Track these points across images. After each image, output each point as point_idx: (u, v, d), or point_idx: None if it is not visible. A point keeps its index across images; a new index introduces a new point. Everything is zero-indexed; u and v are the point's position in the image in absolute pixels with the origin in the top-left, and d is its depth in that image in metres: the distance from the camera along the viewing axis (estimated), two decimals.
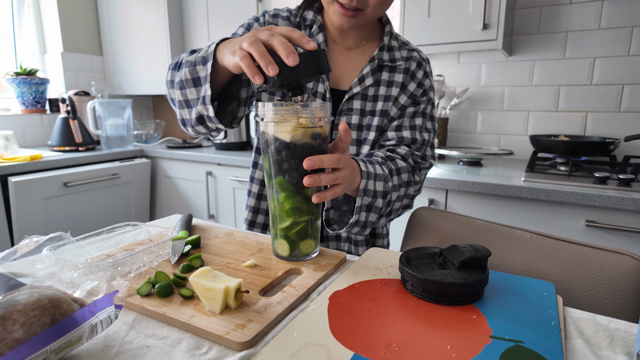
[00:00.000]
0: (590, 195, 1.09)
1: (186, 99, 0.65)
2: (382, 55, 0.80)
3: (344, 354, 0.35)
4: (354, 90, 0.77)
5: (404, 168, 0.74)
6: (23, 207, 1.59)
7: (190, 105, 0.65)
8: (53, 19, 2.21)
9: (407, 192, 0.75)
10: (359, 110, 0.78)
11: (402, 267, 0.47)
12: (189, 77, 0.62)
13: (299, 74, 0.48)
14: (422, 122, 0.80)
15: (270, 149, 0.52)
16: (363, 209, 0.64)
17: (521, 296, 0.45)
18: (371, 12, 0.72)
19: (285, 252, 0.55)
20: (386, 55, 0.80)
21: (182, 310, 0.42)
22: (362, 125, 0.79)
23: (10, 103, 2.20)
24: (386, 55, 0.80)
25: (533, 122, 1.70)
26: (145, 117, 2.68)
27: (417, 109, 0.80)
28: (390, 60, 0.80)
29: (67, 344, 0.33)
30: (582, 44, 1.57)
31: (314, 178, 0.51)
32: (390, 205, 0.71)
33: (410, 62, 0.81)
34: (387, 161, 0.72)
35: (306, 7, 0.82)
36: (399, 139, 0.77)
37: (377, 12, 0.73)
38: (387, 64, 0.80)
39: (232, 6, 1.97)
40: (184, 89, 0.64)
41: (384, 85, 0.79)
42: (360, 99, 0.78)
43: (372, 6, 0.71)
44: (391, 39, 0.82)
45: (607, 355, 0.36)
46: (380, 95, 0.79)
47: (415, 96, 0.80)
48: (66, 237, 0.53)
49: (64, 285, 0.47)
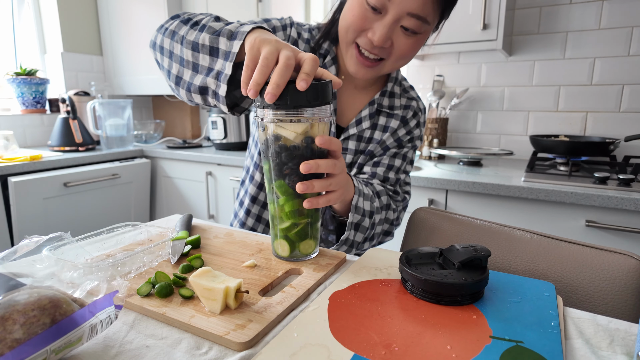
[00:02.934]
0: (590, 195, 1.09)
1: (195, 62, 0.58)
2: (382, 101, 0.79)
3: (344, 354, 0.35)
4: (350, 131, 0.77)
5: (383, 191, 0.74)
6: (23, 207, 1.59)
7: (196, 69, 0.58)
8: (53, 19, 2.21)
9: (387, 216, 0.75)
10: (353, 151, 0.78)
11: (402, 267, 0.47)
12: (207, 43, 0.56)
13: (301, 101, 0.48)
14: (401, 165, 0.80)
15: (270, 150, 0.52)
16: (352, 226, 0.64)
17: (521, 296, 0.45)
18: (390, 66, 0.70)
19: (285, 253, 0.55)
20: (386, 100, 0.79)
21: (182, 311, 0.42)
22: (353, 163, 0.80)
23: (10, 103, 2.20)
24: (386, 101, 0.79)
25: (533, 122, 1.70)
26: (145, 117, 2.68)
27: (399, 152, 0.80)
28: (389, 107, 0.79)
29: (67, 344, 0.33)
30: (582, 44, 1.57)
31: (307, 185, 0.50)
32: (374, 227, 0.71)
33: (407, 110, 0.81)
34: (367, 184, 0.73)
35: (324, 37, 0.78)
36: (372, 173, 0.77)
37: (396, 66, 0.71)
38: (385, 110, 0.79)
39: (232, 6, 1.97)
40: (196, 51, 0.57)
41: (380, 130, 0.79)
42: (356, 140, 0.78)
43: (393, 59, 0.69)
44: (394, 85, 0.81)
45: (607, 355, 0.36)
46: (374, 138, 0.79)
47: (401, 141, 0.81)
48: (66, 237, 0.53)
49: (64, 285, 0.47)
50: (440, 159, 1.70)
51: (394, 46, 0.67)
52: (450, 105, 1.77)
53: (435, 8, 0.65)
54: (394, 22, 0.64)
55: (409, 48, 0.67)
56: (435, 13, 0.66)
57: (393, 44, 0.67)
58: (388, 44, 0.66)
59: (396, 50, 0.67)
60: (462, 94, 1.75)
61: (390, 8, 0.63)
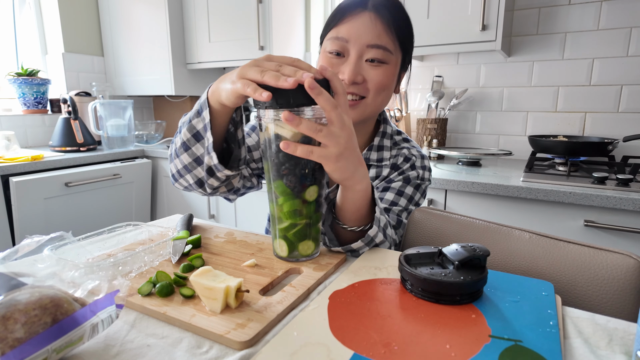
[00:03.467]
0: (589, 195, 1.09)
1: (195, 158, 0.61)
2: (370, 155, 0.79)
3: (343, 353, 0.35)
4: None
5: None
6: (24, 207, 1.59)
7: (200, 161, 0.61)
8: (54, 20, 2.21)
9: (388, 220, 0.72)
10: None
11: (401, 267, 0.47)
12: (189, 135, 0.60)
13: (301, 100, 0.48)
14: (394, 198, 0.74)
15: (269, 150, 0.52)
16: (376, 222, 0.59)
17: (520, 296, 0.45)
18: (372, 101, 0.71)
19: (284, 253, 0.55)
20: (374, 154, 0.79)
21: (183, 310, 0.42)
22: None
23: (11, 103, 2.20)
24: (374, 155, 0.79)
25: (532, 122, 1.71)
26: (146, 117, 2.69)
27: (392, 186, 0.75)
28: (378, 160, 0.79)
29: (68, 343, 0.33)
30: (580, 44, 1.57)
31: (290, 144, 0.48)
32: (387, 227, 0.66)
33: (397, 157, 0.79)
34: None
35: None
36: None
37: (378, 101, 0.72)
38: (374, 164, 0.79)
39: (232, 6, 1.98)
40: (188, 149, 0.61)
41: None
42: None
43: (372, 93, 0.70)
44: (383, 139, 0.80)
45: (606, 354, 0.36)
46: None
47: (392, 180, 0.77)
48: (67, 237, 0.53)
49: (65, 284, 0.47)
50: (440, 159, 1.70)
51: (367, 80, 0.70)
52: (450, 106, 1.77)
53: (392, 38, 0.70)
54: (357, 58, 0.69)
55: (382, 78, 0.70)
56: (394, 43, 0.70)
57: (365, 79, 0.70)
58: (360, 79, 0.70)
59: (370, 83, 0.70)
60: (461, 95, 1.76)
61: (350, 48, 0.69)
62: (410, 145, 0.82)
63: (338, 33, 0.70)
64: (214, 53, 2.10)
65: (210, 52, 2.12)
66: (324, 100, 0.46)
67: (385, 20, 0.69)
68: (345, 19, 0.70)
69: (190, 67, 2.23)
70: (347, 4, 0.71)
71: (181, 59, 2.21)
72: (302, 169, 0.52)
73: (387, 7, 0.69)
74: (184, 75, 2.24)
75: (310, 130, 0.47)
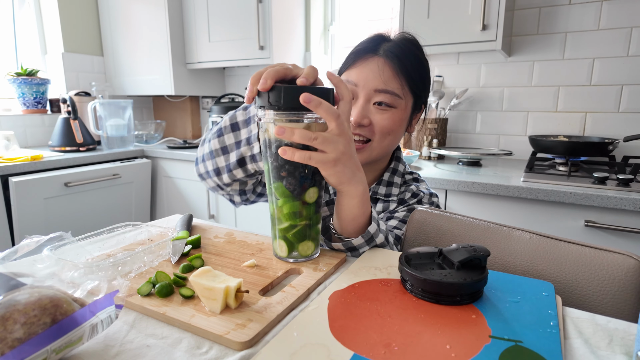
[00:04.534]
0: (589, 195, 1.09)
1: (223, 146, 0.65)
2: (378, 189, 0.78)
3: (343, 354, 0.35)
4: None
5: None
6: (24, 207, 1.59)
7: (227, 150, 0.65)
8: (54, 20, 2.21)
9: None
10: None
11: (401, 267, 0.47)
12: (228, 123, 0.64)
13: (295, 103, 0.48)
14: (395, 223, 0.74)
15: (269, 151, 0.52)
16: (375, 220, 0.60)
17: (520, 296, 0.45)
18: (377, 144, 0.72)
19: (284, 253, 0.55)
20: (383, 189, 0.79)
21: (183, 310, 0.42)
22: None
23: (11, 103, 2.20)
24: (382, 190, 0.79)
25: (532, 122, 1.71)
26: (145, 117, 2.69)
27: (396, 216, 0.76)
28: (386, 195, 0.78)
29: (68, 343, 0.33)
30: (581, 44, 1.57)
31: (287, 150, 0.48)
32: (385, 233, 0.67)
33: (405, 193, 0.79)
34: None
35: None
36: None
37: (384, 144, 0.73)
38: (381, 198, 0.78)
39: (232, 6, 1.98)
40: (221, 136, 0.65)
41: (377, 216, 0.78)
42: None
43: (377, 137, 0.71)
44: (394, 175, 0.80)
45: (606, 355, 0.36)
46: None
47: (395, 210, 0.77)
48: (67, 237, 0.53)
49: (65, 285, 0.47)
50: (440, 159, 1.70)
51: (373, 122, 0.71)
52: (450, 106, 1.77)
53: (401, 83, 0.71)
54: (365, 102, 0.71)
55: (388, 121, 0.71)
56: (402, 88, 0.71)
57: (372, 122, 0.71)
58: (366, 122, 0.71)
59: (376, 126, 0.71)
60: (461, 95, 1.76)
61: (359, 91, 0.71)
62: (419, 185, 0.82)
63: (349, 76, 0.73)
64: (214, 53, 2.10)
65: (210, 51, 2.12)
66: (324, 112, 0.48)
67: (395, 66, 0.70)
68: (356, 64, 0.72)
69: (190, 67, 2.22)
70: (360, 49, 0.73)
71: (181, 59, 2.21)
72: (301, 171, 0.52)
73: (397, 53, 0.71)
74: (184, 75, 2.24)
75: (304, 139, 0.47)
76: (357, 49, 0.74)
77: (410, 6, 1.55)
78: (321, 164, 0.49)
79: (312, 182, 0.53)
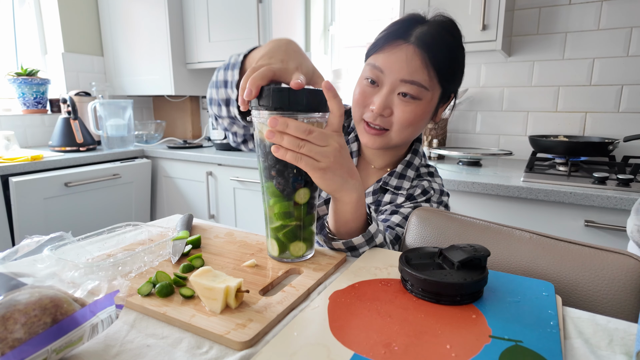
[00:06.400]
0: (589, 195, 1.09)
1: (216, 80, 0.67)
2: (389, 180, 0.77)
3: (343, 354, 0.35)
4: None
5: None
6: (24, 207, 1.59)
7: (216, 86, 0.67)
8: (54, 20, 2.21)
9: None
10: None
11: (401, 267, 0.47)
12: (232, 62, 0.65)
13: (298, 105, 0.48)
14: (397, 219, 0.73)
15: (260, 150, 0.52)
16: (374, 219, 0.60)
17: (520, 296, 0.45)
18: (396, 135, 0.71)
19: (275, 252, 0.55)
20: (394, 181, 0.77)
21: (183, 310, 0.42)
22: None
23: (11, 103, 2.20)
24: (394, 181, 0.77)
25: (532, 122, 1.71)
26: (145, 117, 2.69)
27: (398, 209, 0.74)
28: (396, 187, 0.77)
29: (68, 343, 0.33)
30: (581, 44, 1.57)
31: (280, 149, 0.47)
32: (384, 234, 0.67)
33: (415, 189, 0.77)
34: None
35: (349, 117, 0.84)
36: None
37: (403, 135, 0.71)
38: (391, 189, 0.77)
39: (232, 6, 1.98)
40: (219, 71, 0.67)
41: (382, 206, 0.77)
42: None
43: (396, 128, 0.70)
44: (408, 168, 0.78)
45: (606, 355, 0.36)
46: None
47: (401, 206, 0.76)
48: (67, 237, 0.53)
49: (65, 285, 0.47)
50: (440, 159, 1.70)
51: (394, 114, 0.69)
52: (450, 106, 1.77)
53: (430, 74, 0.67)
54: (389, 91, 0.68)
55: (409, 115, 0.68)
56: (430, 79, 0.67)
57: (393, 112, 0.69)
58: (387, 113, 0.69)
59: (396, 117, 0.69)
60: (461, 95, 1.76)
61: (385, 79, 0.68)
62: (433, 180, 0.80)
63: (376, 61, 0.69)
64: (214, 53, 2.10)
65: (210, 51, 2.12)
66: (294, 129, 0.46)
67: (425, 55, 0.66)
68: (385, 48, 0.68)
69: (190, 67, 2.22)
70: (390, 32, 0.69)
71: (181, 59, 2.21)
72: (290, 172, 0.51)
73: (429, 42, 0.66)
74: (184, 75, 2.24)
75: (291, 146, 0.47)
76: (387, 32, 0.69)
77: (410, 6, 1.55)
78: (310, 170, 0.48)
79: (304, 183, 0.53)
